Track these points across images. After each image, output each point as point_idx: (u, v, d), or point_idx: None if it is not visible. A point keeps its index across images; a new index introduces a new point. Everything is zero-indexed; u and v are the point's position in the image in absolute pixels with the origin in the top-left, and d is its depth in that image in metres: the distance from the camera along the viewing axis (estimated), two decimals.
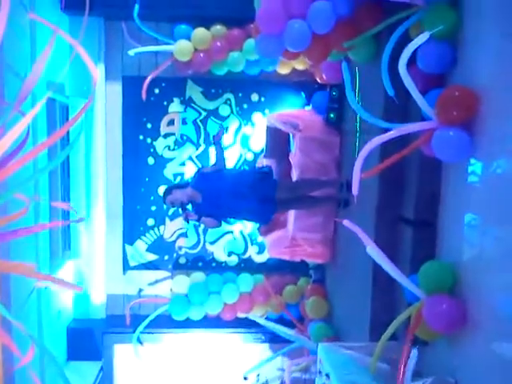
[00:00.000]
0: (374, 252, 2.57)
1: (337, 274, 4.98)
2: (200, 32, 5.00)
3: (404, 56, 2.49)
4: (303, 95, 5.49)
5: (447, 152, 2.58)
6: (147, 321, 5.31)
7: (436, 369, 2.80)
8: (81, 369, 5.25)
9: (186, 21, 5.09)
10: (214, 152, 5.45)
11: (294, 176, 4.88)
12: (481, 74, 2.49)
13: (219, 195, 4.20)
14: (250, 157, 5.72)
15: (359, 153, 2.66)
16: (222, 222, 4.39)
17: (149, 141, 5.63)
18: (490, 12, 2.43)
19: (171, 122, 5.63)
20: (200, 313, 5.44)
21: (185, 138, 5.66)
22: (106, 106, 5.46)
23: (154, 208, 5.69)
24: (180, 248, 5.78)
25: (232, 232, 5.80)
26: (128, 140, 5.61)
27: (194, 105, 5.62)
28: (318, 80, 5.18)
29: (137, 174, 5.65)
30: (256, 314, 5.41)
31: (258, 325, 5.04)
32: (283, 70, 5.35)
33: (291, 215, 4.88)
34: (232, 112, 5.65)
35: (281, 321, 5.16)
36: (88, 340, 5.41)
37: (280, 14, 3.43)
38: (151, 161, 5.66)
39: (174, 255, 5.78)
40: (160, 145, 5.64)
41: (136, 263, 5.77)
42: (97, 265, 5.55)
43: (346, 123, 4.71)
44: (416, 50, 2.53)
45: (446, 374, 2.68)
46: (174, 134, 5.64)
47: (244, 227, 5.78)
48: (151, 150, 5.64)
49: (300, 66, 5.27)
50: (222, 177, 4.28)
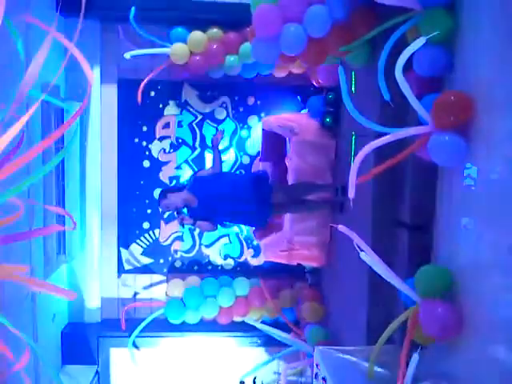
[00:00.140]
0: (368, 258, 2.57)
1: (333, 278, 4.97)
2: (196, 35, 5.00)
3: (400, 61, 2.49)
4: (299, 99, 5.50)
5: (443, 156, 2.59)
6: (143, 325, 5.29)
7: (431, 373, 2.79)
8: (76, 373, 5.22)
9: (182, 24, 5.09)
10: (210, 155, 5.47)
11: (290, 180, 4.88)
12: (477, 79, 2.49)
13: (215, 199, 4.20)
14: (245, 160, 5.72)
15: (355, 157, 2.66)
16: (217, 226, 4.39)
17: (144, 144, 5.62)
18: (487, 17, 2.43)
19: (167, 125, 5.62)
20: (196, 317, 5.42)
21: (180, 141, 5.65)
22: (101, 108, 5.44)
23: (149, 211, 5.68)
24: (175, 251, 5.77)
25: (228, 235, 5.79)
26: (123, 143, 5.60)
27: (189, 108, 5.61)
28: (313, 84, 5.19)
29: (132, 177, 5.64)
30: (252, 318, 5.39)
31: (254, 328, 5.02)
32: (279, 73, 5.35)
33: (287, 219, 4.88)
34: (228, 115, 5.65)
35: (276, 324, 5.14)
36: (83, 344, 5.37)
37: (276, 17, 3.44)
38: (146, 164, 5.65)
39: (170, 259, 5.77)
40: (155, 148, 5.63)
41: (131, 267, 5.75)
42: (91, 268, 5.53)
43: (342, 127, 4.71)
44: (412, 54, 2.53)
45: (442, 378, 2.68)
46: (169, 137, 5.64)
47: (240, 230, 5.77)
48: (146, 153, 5.63)
49: (296, 69, 5.28)
50: (218, 180, 4.28)
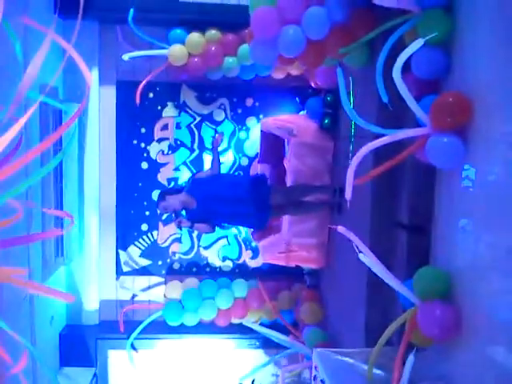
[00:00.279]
0: (366, 259, 2.57)
1: (331, 280, 4.97)
2: (194, 37, 5.00)
3: (398, 62, 2.50)
4: (298, 100, 5.49)
5: (441, 158, 2.59)
6: (141, 327, 5.28)
7: (429, 375, 2.79)
8: (74, 375, 5.21)
9: (181, 25, 5.10)
10: (209, 157, 5.46)
11: (289, 181, 4.87)
12: (475, 81, 2.49)
13: (214, 200, 4.19)
14: (244, 162, 5.72)
15: (353, 158, 2.66)
16: (216, 228, 4.38)
17: (142, 145, 5.61)
18: (485, 18, 2.44)
19: (165, 127, 5.61)
20: (194, 319, 5.41)
21: (179, 142, 5.65)
22: (99, 110, 5.43)
23: (147, 213, 5.67)
24: (174, 253, 5.76)
25: (226, 237, 5.78)
26: (121, 145, 5.59)
27: (188, 109, 5.61)
28: (312, 85, 5.19)
29: (130, 178, 5.63)
30: (250, 320, 5.38)
31: (253, 330, 5.01)
32: (278, 75, 5.35)
33: (285, 220, 4.87)
34: (226, 117, 5.65)
35: (275, 326, 5.14)
36: (81, 346, 5.36)
37: (274, 19, 3.44)
38: (145, 165, 5.64)
39: (168, 260, 5.76)
40: (154, 149, 5.62)
41: (129, 269, 5.74)
42: (90, 271, 5.52)
43: (341, 129, 4.71)
44: (410, 56, 2.54)
45: (440, 379, 2.68)
46: (167, 139, 5.63)
47: (238, 232, 5.76)
48: (145, 155, 5.63)
49: (295, 71, 5.28)
50: (216, 182, 4.28)
